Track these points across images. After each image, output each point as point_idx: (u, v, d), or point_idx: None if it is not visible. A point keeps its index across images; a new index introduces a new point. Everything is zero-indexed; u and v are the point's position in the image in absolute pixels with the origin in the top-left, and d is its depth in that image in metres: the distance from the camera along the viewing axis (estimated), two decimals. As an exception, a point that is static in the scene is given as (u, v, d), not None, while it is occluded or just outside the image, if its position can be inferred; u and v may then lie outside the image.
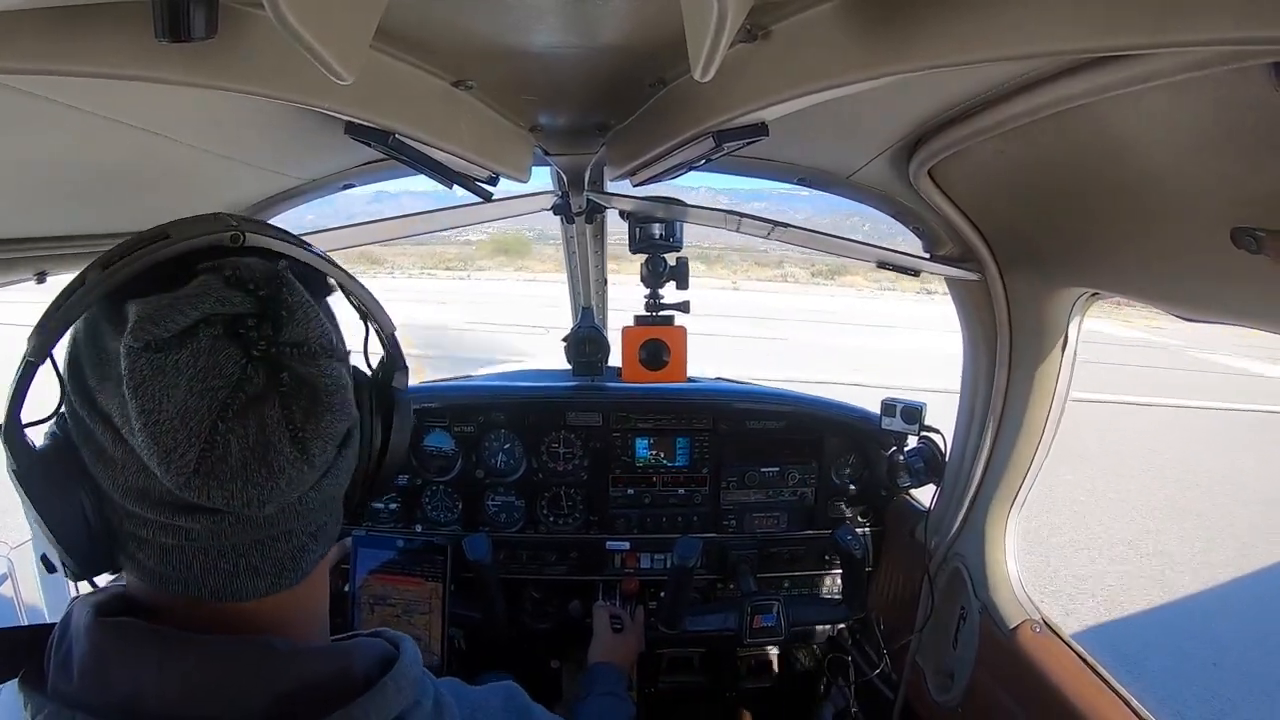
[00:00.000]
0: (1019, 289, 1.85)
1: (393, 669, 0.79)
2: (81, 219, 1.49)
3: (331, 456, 0.72)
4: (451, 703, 0.86)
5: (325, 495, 0.75)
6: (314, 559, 0.79)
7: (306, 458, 0.67)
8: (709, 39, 0.70)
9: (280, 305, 0.68)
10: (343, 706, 0.72)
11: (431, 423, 2.73)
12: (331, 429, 0.69)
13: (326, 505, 0.77)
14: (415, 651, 0.86)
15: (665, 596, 2.49)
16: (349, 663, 0.78)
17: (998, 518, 2.12)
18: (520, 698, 1.00)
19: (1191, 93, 0.91)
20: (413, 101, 1.24)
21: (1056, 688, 1.81)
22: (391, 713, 0.76)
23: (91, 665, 0.70)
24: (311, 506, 0.73)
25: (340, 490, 0.79)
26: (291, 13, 0.60)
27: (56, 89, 0.97)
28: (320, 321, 0.70)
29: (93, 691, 0.70)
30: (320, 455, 0.69)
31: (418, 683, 0.81)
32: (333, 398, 0.69)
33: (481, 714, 0.90)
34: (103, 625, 0.72)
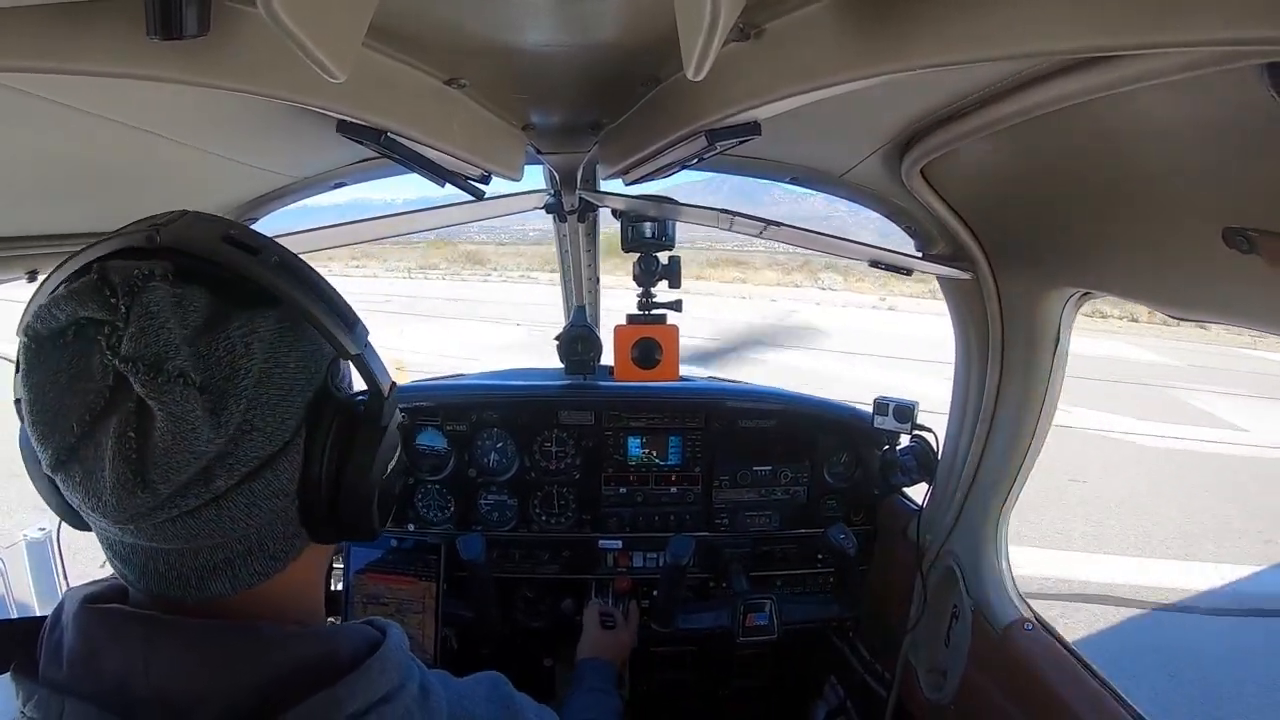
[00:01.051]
0: (1011, 288, 1.85)
1: (377, 652, 0.79)
2: (73, 217, 1.48)
3: (192, 485, 0.67)
4: (438, 688, 0.86)
5: (235, 517, 0.71)
6: (262, 569, 0.77)
7: (144, 484, 0.65)
8: (702, 37, 0.69)
9: (130, 316, 0.65)
10: (328, 687, 0.73)
11: (424, 421, 2.72)
12: (170, 462, 0.65)
13: (251, 526, 0.73)
14: (402, 637, 0.86)
15: (658, 594, 2.50)
16: (335, 646, 0.78)
17: (989, 516, 2.13)
18: (505, 687, 1.00)
19: (1184, 93, 0.92)
20: (405, 99, 1.24)
21: (1048, 685, 1.81)
22: (376, 694, 0.76)
23: (80, 652, 0.72)
24: (222, 526, 0.71)
25: (266, 515, 0.74)
26: (283, 10, 0.60)
27: (47, 86, 0.97)
28: (166, 340, 0.65)
29: (82, 677, 0.71)
30: (163, 484, 0.65)
31: (403, 666, 0.82)
32: (171, 434, 0.65)
33: (467, 701, 0.91)
34: (90, 612, 0.73)
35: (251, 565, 0.76)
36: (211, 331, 0.68)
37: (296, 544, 0.80)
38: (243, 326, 0.70)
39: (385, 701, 0.77)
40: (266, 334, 0.72)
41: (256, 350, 0.70)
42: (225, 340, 0.68)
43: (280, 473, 0.73)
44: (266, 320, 0.72)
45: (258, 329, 0.71)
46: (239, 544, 0.74)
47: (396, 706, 0.77)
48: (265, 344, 0.71)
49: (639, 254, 2.28)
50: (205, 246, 0.71)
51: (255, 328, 0.71)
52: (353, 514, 0.80)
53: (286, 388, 0.73)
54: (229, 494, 0.70)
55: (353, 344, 0.78)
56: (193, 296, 0.68)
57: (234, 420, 0.68)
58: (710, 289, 27.19)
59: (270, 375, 0.71)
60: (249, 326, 0.71)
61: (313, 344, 0.77)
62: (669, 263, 2.31)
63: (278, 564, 0.78)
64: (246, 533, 0.74)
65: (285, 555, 0.79)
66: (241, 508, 0.71)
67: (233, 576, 0.75)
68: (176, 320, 0.66)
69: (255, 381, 0.70)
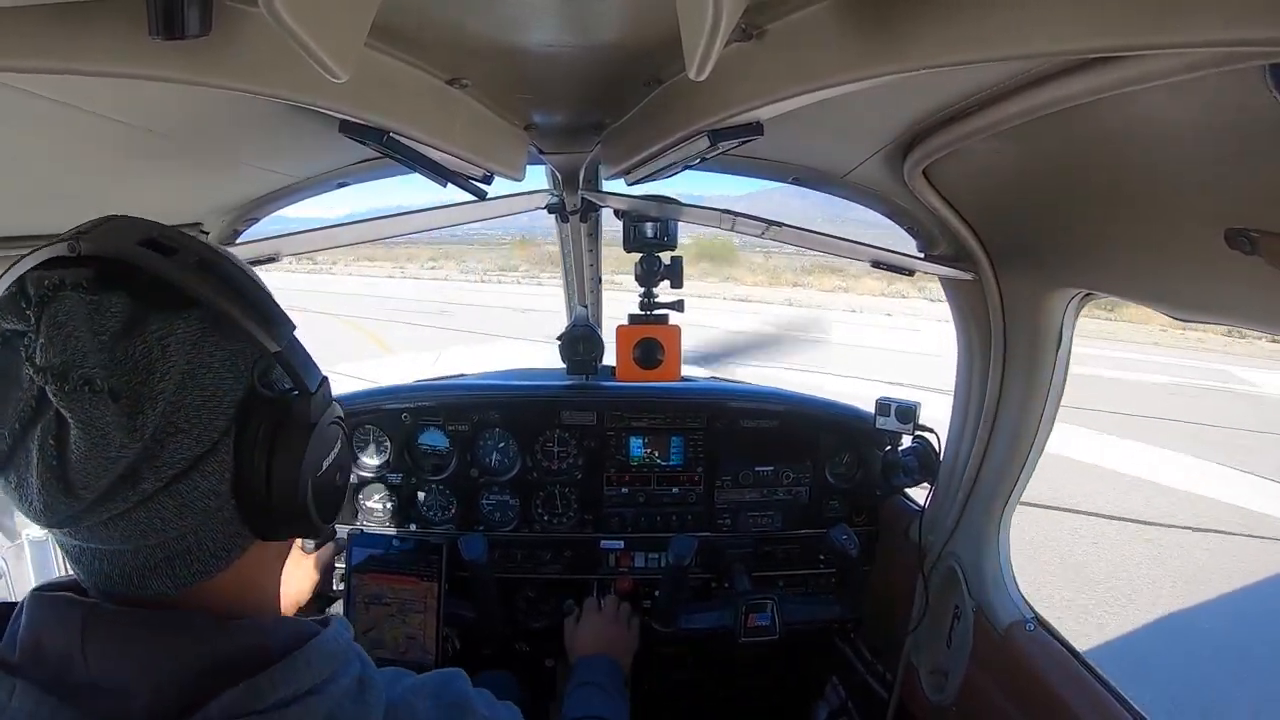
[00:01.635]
0: (1013, 288, 1.85)
1: (308, 643, 0.80)
2: (73, 217, 1.47)
3: (118, 488, 0.68)
4: (379, 683, 0.86)
5: (167, 518, 0.72)
6: (203, 567, 0.78)
7: (67, 490, 0.66)
8: (704, 38, 0.70)
9: (39, 326, 0.66)
10: (251, 678, 0.73)
11: (426, 421, 2.72)
12: (88, 468, 0.66)
13: (186, 525, 0.74)
14: (343, 630, 0.87)
15: (660, 594, 2.49)
16: (266, 638, 0.79)
17: (991, 517, 2.13)
18: (457, 683, 0.99)
19: (1186, 94, 0.91)
20: (407, 99, 1.24)
21: (1050, 686, 1.81)
22: (302, 686, 0.77)
23: (27, 637, 0.74)
24: (154, 527, 0.72)
25: (199, 514, 0.74)
26: (286, 10, 0.60)
27: (48, 86, 0.97)
28: (74, 349, 0.66)
29: (30, 662, 0.73)
30: (85, 490, 0.66)
31: (336, 658, 0.82)
32: (84, 441, 0.65)
33: (411, 696, 0.90)
34: (38, 599, 0.76)
35: (191, 564, 0.77)
36: (128, 336, 0.68)
37: (239, 542, 0.80)
38: (160, 329, 0.70)
39: (311, 694, 0.77)
40: (186, 335, 0.72)
41: (175, 352, 0.70)
42: (141, 344, 0.68)
43: (209, 473, 0.74)
44: (186, 321, 0.72)
45: (175, 330, 0.71)
46: (177, 543, 0.75)
47: (324, 699, 0.78)
48: (185, 345, 0.71)
49: (641, 254, 2.28)
50: (122, 251, 0.72)
51: (173, 329, 0.71)
52: (289, 511, 0.80)
53: (211, 389, 0.73)
54: (157, 495, 0.70)
55: (273, 341, 0.77)
56: (110, 303, 0.68)
57: (151, 423, 0.68)
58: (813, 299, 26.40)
59: (193, 376, 0.72)
60: (166, 329, 0.70)
61: (240, 343, 0.77)
62: (671, 263, 2.31)
63: (220, 562, 0.79)
64: (183, 532, 0.74)
65: (227, 553, 0.79)
66: (172, 509, 0.72)
67: (172, 574, 0.76)
68: (86, 328, 0.66)
69: (176, 384, 0.70)
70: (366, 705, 0.82)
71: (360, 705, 0.82)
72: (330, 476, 0.88)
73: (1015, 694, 1.93)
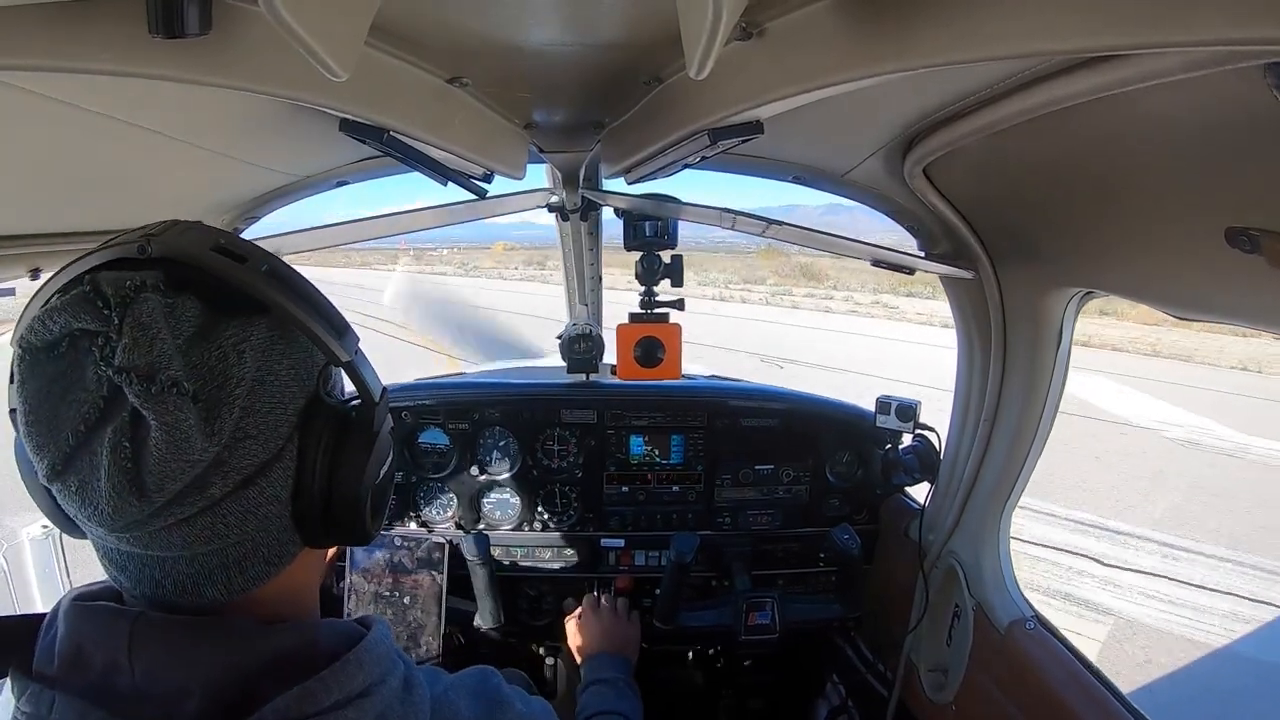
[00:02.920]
0: (1014, 287, 1.85)
1: (356, 646, 0.80)
2: (74, 216, 1.48)
3: (188, 493, 0.68)
4: (422, 683, 0.87)
5: (230, 524, 0.72)
6: (257, 574, 0.78)
7: (139, 493, 0.66)
8: (704, 37, 0.70)
9: (122, 327, 0.66)
10: (303, 681, 0.73)
11: (426, 420, 2.72)
12: (165, 470, 0.66)
13: (246, 532, 0.75)
14: (386, 631, 0.87)
15: (661, 592, 2.49)
16: (314, 639, 0.79)
17: (991, 515, 2.13)
18: (494, 679, 1.01)
19: (1186, 93, 0.91)
20: (407, 98, 1.24)
21: (1050, 685, 1.81)
22: (355, 688, 0.77)
23: (68, 647, 0.73)
24: (217, 533, 0.72)
25: (261, 520, 0.75)
26: (286, 9, 0.60)
27: (49, 85, 0.97)
28: (160, 351, 0.66)
29: (70, 673, 0.72)
30: (158, 493, 0.66)
31: (384, 661, 0.82)
32: (165, 443, 0.65)
33: (453, 694, 0.91)
34: (79, 609, 0.75)
35: (247, 571, 0.77)
36: (204, 340, 0.69)
37: (291, 549, 0.81)
38: (234, 334, 0.71)
39: (364, 696, 0.77)
40: (258, 342, 0.72)
41: (249, 358, 0.71)
42: (218, 349, 0.69)
43: (274, 479, 0.74)
44: (257, 328, 0.73)
45: (249, 337, 0.71)
46: (234, 550, 0.75)
47: (375, 700, 0.78)
48: (257, 352, 0.72)
49: (642, 253, 2.28)
50: (195, 256, 0.72)
51: (247, 335, 0.71)
52: (346, 518, 0.81)
53: (279, 395, 0.74)
54: (224, 501, 0.71)
55: (343, 350, 0.78)
56: (184, 306, 0.68)
57: (227, 428, 0.68)
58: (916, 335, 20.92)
59: (263, 383, 0.72)
60: (241, 334, 0.71)
61: (304, 351, 0.78)
62: (671, 261, 2.31)
63: (273, 569, 0.79)
64: (242, 539, 0.74)
65: (280, 560, 0.80)
66: (236, 514, 0.72)
67: (228, 582, 0.76)
68: (169, 330, 0.67)
69: (248, 390, 0.70)
70: (414, 705, 0.83)
71: (408, 705, 0.82)
72: (386, 485, 0.89)
73: (1015, 693, 1.93)
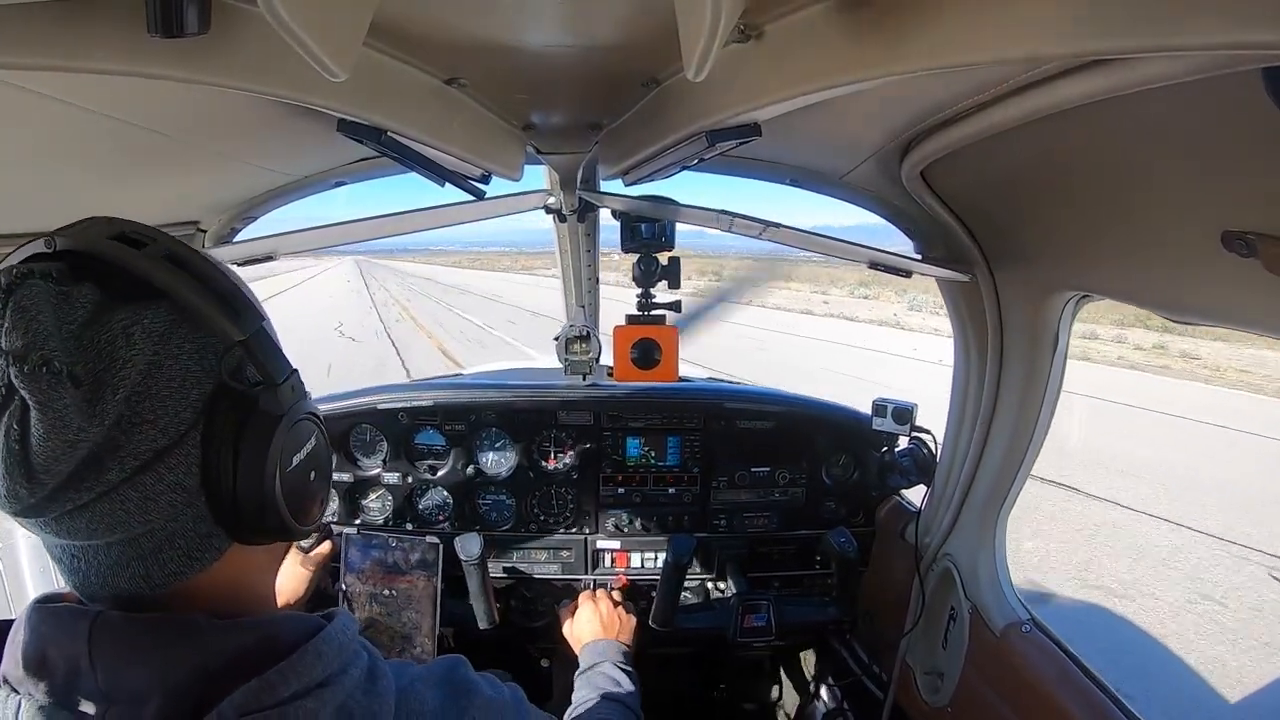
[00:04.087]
0: (1010, 290, 1.85)
1: (314, 637, 0.80)
2: (69, 214, 1.47)
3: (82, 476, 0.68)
4: (388, 673, 0.87)
5: (130, 511, 0.72)
6: (177, 567, 0.77)
7: (28, 476, 0.66)
8: (702, 39, 0.70)
9: (5, 312, 0.67)
10: (261, 674, 0.74)
11: (423, 421, 2.72)
12: (48, 452, 0.66)
13: (153, 521, 0.74)
14: (348, 622, 0.87)
15: (657, 594, 2.49)
16: (275, 633, 0.79)
17: (987, 518, 2.13)
18: (461, 669, 1.01)
19: (1183, 97, 0.92)
20: (405, 99, 1.24)
21: (1046, 688, 1.81)
22: (314, 678, 0.77)
23: (33, 651, 0.74)
24: (119, 520, 0.72)
25: (165, 509, 0.74)
26: (285, 9, 0.60)
27: (47, 83, 0.97)
28: (35, 332, 0.66)
29: (36, 675, 0.73)
30: (46, 475, 0.66)
31: (345, 650, 0.83)
32: (41, 423, 0.66)
33: (419, 685, 0.91)
34: (39, 611, 0.77)
35: (166, 564, 0.76)
36: (95, 325, 0.69)
37: (214, 543, 0.80)
38: (126, 319, 0.70)
39: (323, 686, 0.78)
40: (154, 326, 0.72)
41: (140, 341, 0.70)
42: (107, 332, 0.69)
43: (175, 466, 0.73)
44: (154, 313, 0.73)
45: (142, 320, 0.71)
46: (146, 540, 0.75)
47: (336, 691, 0.78)
48: (152, 336, 0.71)
49: (639, 255, 2.28)
50: (94, 244, 0.73)
51: (139, 319, 0.71)
52: (255, 510, 0.79)
53: (179, 380, 0.73)
54: (121, 486, 0.70)
55: (237, 330, 0.77)
56: (79, 293, 0.69)
57: (113, 410, 0.68)
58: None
59: (159, 367, 0.72)
60: (133, 319, 0.71)
61: (209, 337, 0.77)
62: (669, 263, 2.31)
63: (195, 562, 0.79)
64: (150, 528, 0.74)
65: (202, 554, 0.79)
66: (135, 501, 0.71)
67: (145, 574, 0.76)
68: (51, 314, 0.67)
69: (141, 373, 0.70)
70: (378, 695, 0.83)
71: (371, 695, 0.82)
72: (302, 475, 0.86)
73: (1011, 696, 1.93)
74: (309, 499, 0.89)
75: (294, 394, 0.84)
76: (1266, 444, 12.07)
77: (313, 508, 0.90)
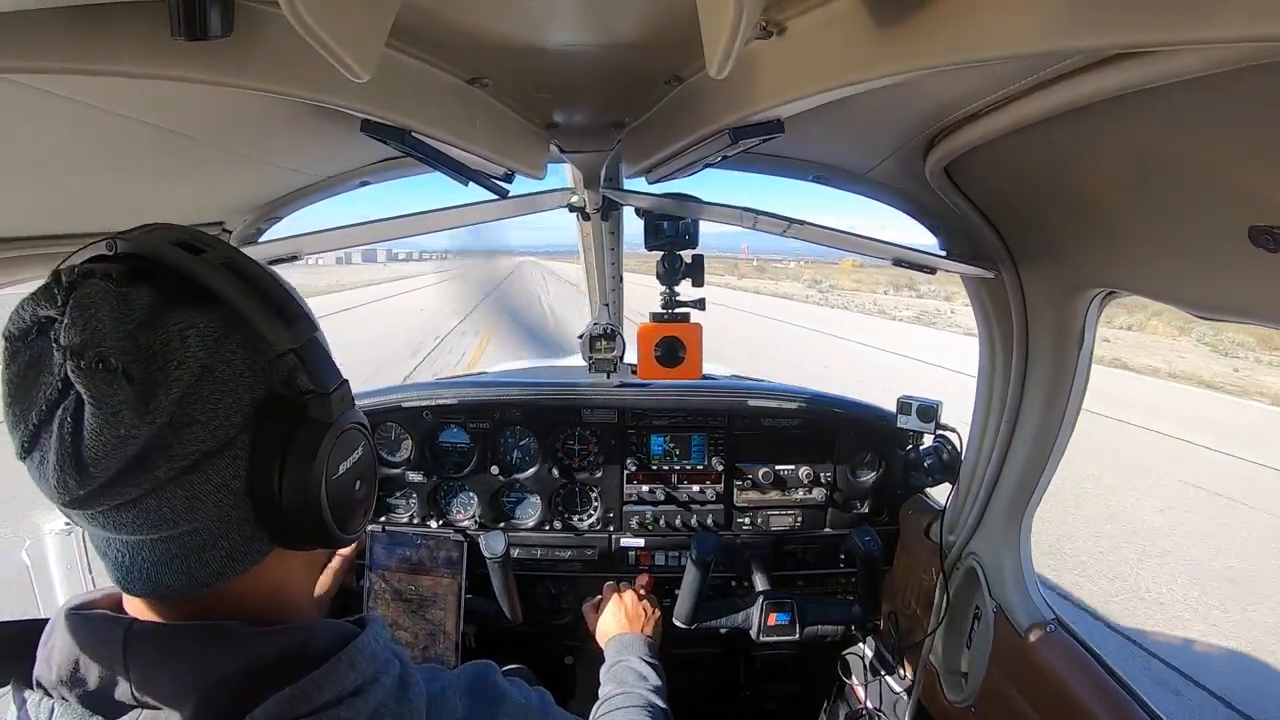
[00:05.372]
0: (1036, 287, 1.83)
1: (348, 645, 0.81)
2: (96, 217, 1.50)
3: (131, 472, 0.69)
4: (419, 681, 0.87)
5: (176, 509, 0.72)
6: (219, 568, 0.78)
7: (79, 469, 0.67)
8: (725, 36, 0.70)
9: (67, 309, 0.68)
10: (295, 682, 0.74)
11: (447, 419, 2.74)
12: (100, 446, 0.67)
13: (198, 520, 0.75)
14: (381, 629, 0.87)
15: (681, 592, 2.49)
16: (307, 640, 0.80)
17: (1012, 517, 2.11)
18: (491, 676, 1.01)
19: (1209, 90, 0.90)
20: (428, 99, 1.24)
21: (1070, 688, 1.80)
22: (347, 687, 0.78)
23: (66, 656, 0.76)
24: (165, 517, 0.72)
25: (211, 510, 0.75)
26: (307, 11, 0.61)
27: (73, 87, 0.98)
28: (94, 330, 0.68)
29: (69, 681, 0.75)
30: (96, 469, 0.67)
31: (379, 659, 0.83)
32: (95, 417, 0.67)
33: (449, 692, 0.92)
34: (72, 618, 0.78)
35: (209, 563, 0.77)
36: (152, 325, 0.70)
37: (257, 546, 0.80)
38: (181, 321, 0.72)
39: (356, 694, 0.78)
40: (208, 330, 0.73)
41: (194, 344, 0.71)
42: (163, 333, 0.70)
43: (222, 468, 0.74)
44: (209, 317, 0.74)
45: (197, 324, 0.72)
46: (190, 538, 0.75)
47: (369, 699, 0.79)
48: (205, 339, 0.72)
49: (663, 253, 2.28)
50: (154, 248, 0.75)
51: (195, 323, 0.72)
52: (300, 516, 0.80)
53: (230, 384, 0.74)
54: (169, 484, 0.71)
55: (289, 338, 0.79)
56: (137, 294, 0.70)
57: (165, 409, 0.69)
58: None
59: (212, 370, 0.73)
60: (188, 321, 0.72)
61: (263, 344, 0.78)
62: (692, 261, 2.30)
63: (237, 565, 0.79)
64: (194, 527, 0.75)
65: (244, 556, 0.80)
66: (181, 499, 0.72)
67: (188, 571, 0.77)
68: (110, 313, 0.68)
69: (194, 375, 0.71)
70: (409, 703, 0.83)
71: (403, 704, 0.83)
72: (347, 483, 0.87)
73: (1035, 697, 1.91)
74: (354, 507, 0.90)
75: (343, 404, 0.85)
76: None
77: (357, 516, 0.91)
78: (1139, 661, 5.46)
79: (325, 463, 0.81)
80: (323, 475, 0.81)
